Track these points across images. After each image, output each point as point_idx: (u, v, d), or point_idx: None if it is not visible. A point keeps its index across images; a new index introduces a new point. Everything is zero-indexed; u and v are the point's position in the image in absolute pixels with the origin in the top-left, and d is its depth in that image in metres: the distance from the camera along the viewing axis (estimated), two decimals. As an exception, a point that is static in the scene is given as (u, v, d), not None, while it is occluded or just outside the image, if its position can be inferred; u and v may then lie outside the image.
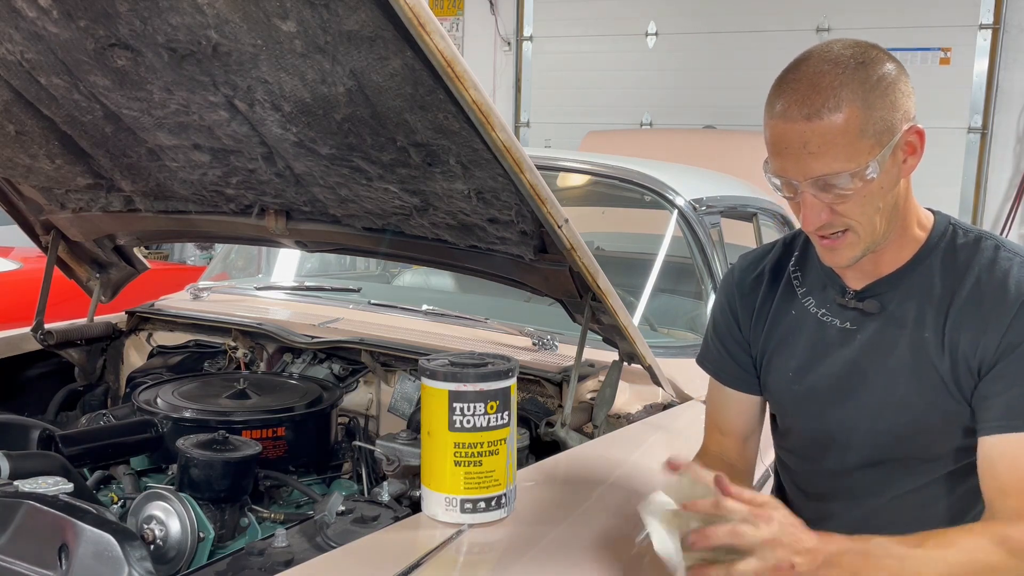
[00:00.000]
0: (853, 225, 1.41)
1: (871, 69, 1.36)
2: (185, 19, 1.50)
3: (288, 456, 2.00)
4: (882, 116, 1.35)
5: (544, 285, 2.05)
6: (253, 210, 2.18)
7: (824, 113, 1.33)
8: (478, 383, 1.41)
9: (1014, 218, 6.20)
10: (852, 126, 1.33)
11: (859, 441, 1.54)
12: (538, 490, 1.60)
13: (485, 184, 1.73)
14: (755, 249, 1.77)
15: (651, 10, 7.12)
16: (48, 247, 2.55)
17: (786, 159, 1.39)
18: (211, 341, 2.54)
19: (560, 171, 2.93)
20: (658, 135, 6.38)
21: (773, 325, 1.63)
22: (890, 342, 1.50)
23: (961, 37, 6.19)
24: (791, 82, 1.38)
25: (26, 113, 1.97)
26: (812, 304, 1.59)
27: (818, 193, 1.38)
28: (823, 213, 1.40)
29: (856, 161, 1.35)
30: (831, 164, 1.35)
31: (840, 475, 1.59)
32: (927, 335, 1.46)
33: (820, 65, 1.36)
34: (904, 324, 1.49)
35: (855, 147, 1.34)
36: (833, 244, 1.44)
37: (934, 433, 1.48)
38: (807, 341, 1.58)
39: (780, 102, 1.38)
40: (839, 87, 1.34)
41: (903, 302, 1.49)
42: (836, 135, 1.34)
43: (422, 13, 1.31)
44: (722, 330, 1.71)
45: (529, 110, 7.68)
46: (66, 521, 1.33)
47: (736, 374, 1.70)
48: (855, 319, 1.54)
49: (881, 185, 1.38)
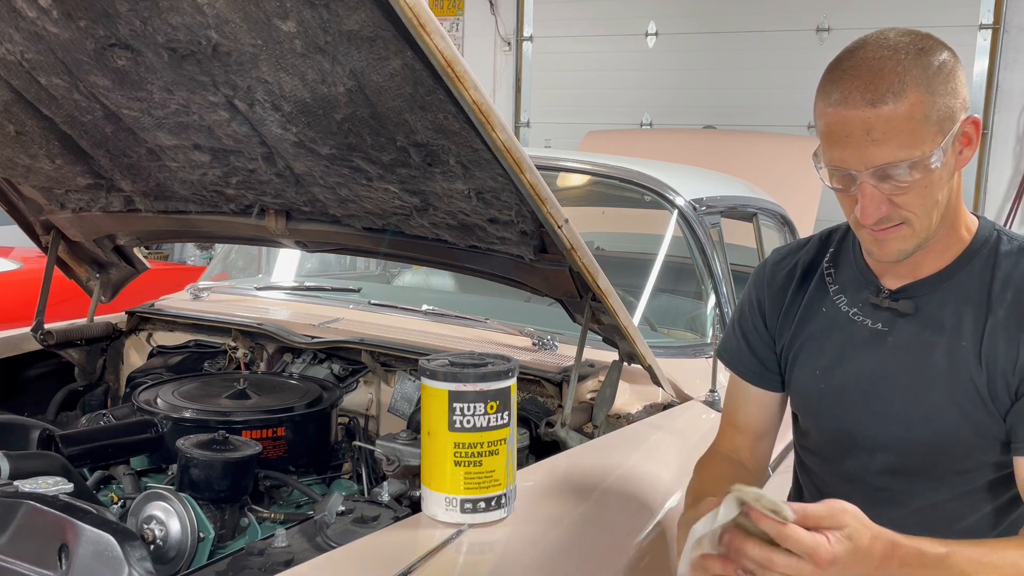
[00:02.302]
0: (910, 218, 1.36)
1: (931, 55, 1.31)
2: (185, 19, 1.50)
3: (288, 456, 2.00)
4: (945, 103, 1.31)
5: (544, 285, 2.04)
6: (253, 210, 2.18)
7: (889, 98, 1.28)
8: (478, 383, 1.41)
9: (1014, 218, 6.19)
10: (917, 112, 1.29)
11: (884, 447, 1.50)
12: (538, 490, 1.60)
13: (485, 184, 1.73)
14: (790, 243, 1.72)
15: (651, 10, 7.12)
16: (48, 247, 2.55)
17: (846, 148, 1.33)
18: (211, 341, 2.54)
19: (560, 171, 2.93)
20: (658, 135, 6.38)
21: (802, 322, 1.58)
22: (925, 347, 1.45)
23: (961, 37, 6.18)
24: (849, 69, 1.33)
25: (26, 113, 1.97)
26: (844, 302, 1.54)
27: (877, 184, 1.33)
28: (883, 205, 1.34)
29: (920, 149, 1.30)
30: (896, 152, 1.30)
31: (861, 480, 1.54)
32: (965, 343, 1.41)
33: (879, 51, 1.32)
34: (940, 329, 1.44)
35: (919, 135, 1.29)
36: (886, 235, 1.38)
37: (965, 446, 1.44)
38: (836, 340, 1.54)
39: (838, 90, 1.32)
40: (903, 72, 1.29)
41: (941, 306, 1.44)
42: (901, 121, 1.29)
43: (422, 13, 1.31)
44: (747, 324, 1.66)
45: (529, 110, 7.68)
46: (66, 521, 1.33)
47: (755, 369, 1.65)
48: (888, 320, 1.49)
49: (941, 176, 1.33)
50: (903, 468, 1.50)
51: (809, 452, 1.66)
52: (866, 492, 1.53)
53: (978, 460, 1.45)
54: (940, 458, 1.46)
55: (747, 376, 1.67)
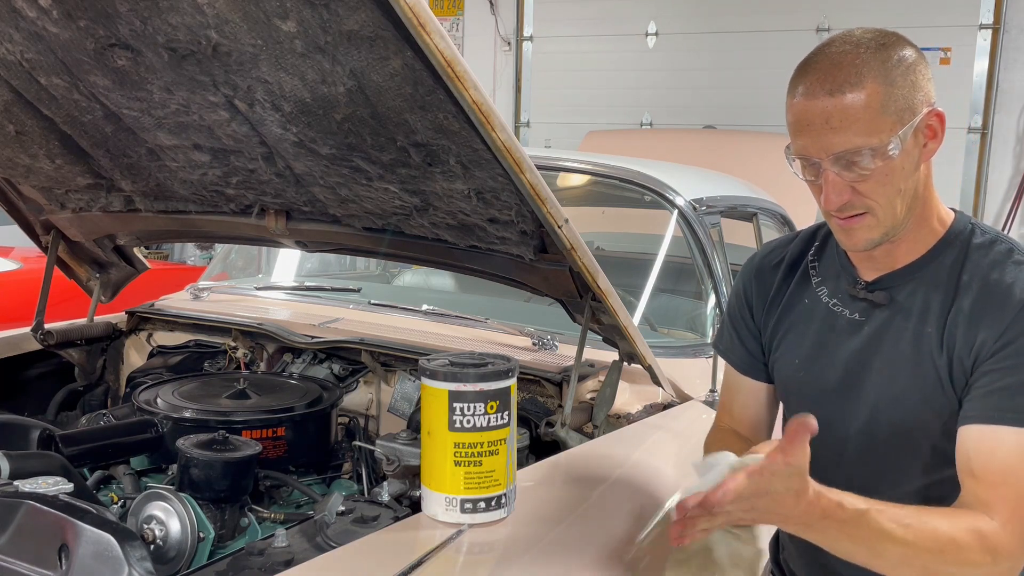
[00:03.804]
0: (873, 207, 1.41)
1: (892, 50, 1.38)
2: (185, 19, 1.50)
3: (288, 456, 2.00)
4: (903, 94, 1.37)
5: (544, 285, 2.04)
6: (253, 210, 2.18)
7: (846, 88, 1.35)
8: (478, 383, 1.41)
9: (1014, 218, 6.19)
10: (874, 101, 1.35)
11: (856, 433, 1.54)
12: (538, 490, 1.60)
13: (485, 184, 1.73)
14: (779, 237, 1.78)
15: (651, 10, 7.12)
16: (48, 247, 2.55)
17: (808, 136, 1.39)
18: (211, 341, 2.54)
19: (560, 171, 2.93)
20: (658, 135, 6.38)
21: (785, 312, 1.64)
22: (894, 334, 1.50)
23: (961, 37, 6.19)
24: (812, 63, 1.40)
25: (26, 113, 1.97)
26: (825, 293, 1.59)
27: (840, 171, 1.39)
28: (844, 192, 1.40)
29: (878, 137, 1.36)
30: (853, 139, 1.36)
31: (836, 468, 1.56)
32: (929, 330, 1.46)
33: (842, 46, 1.39)
34: (909, 317, 1.49)
35: (877, 123, 1.35)
36: (851, 224, 1.44)
37: (928, 431, 1.48)
38: (816, 330, 1.59)
39: (803, 82, 1.40)
40: (861, 64, 1.36)
41: (912, 295, 1.49)
42: (858, 110, 1.35)
43: (422, 13, 1.31)
44: (735, 315, 1.72)
45: (529, 110, 7.68)
46: (66, 521, 1.33)
47: (745, 359, 1.71)
48: (864, 310, 1.54)
49: (902, 166, 1.39)
50: (873, 454, 1.54)
51: None
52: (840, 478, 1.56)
53: (941, 449, 1.47)
54: (905, 443, 1.50)
55: (737, 366, 1.73)
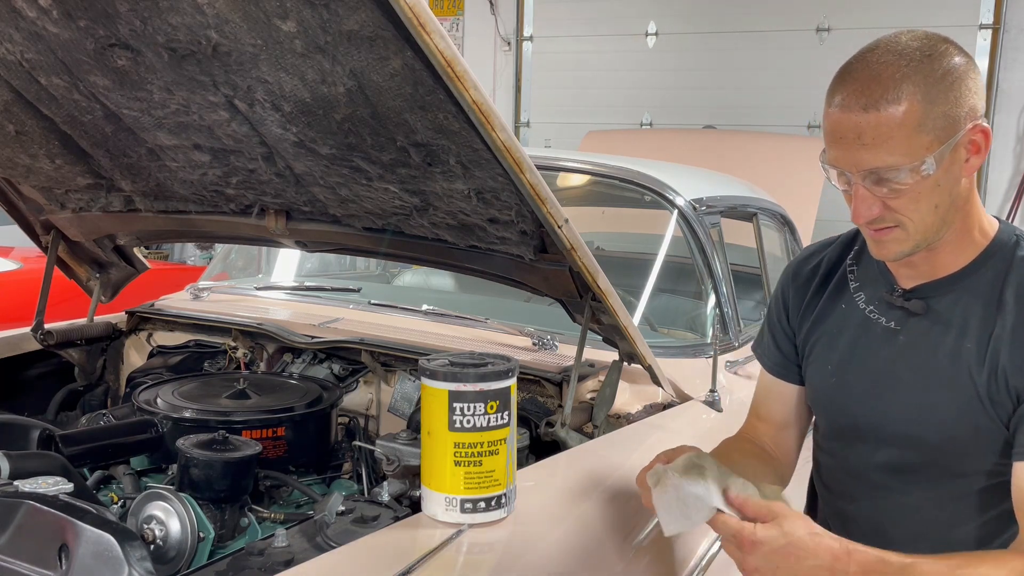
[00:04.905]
0: (904, 222, 1.38)
1: (937, 62, 1.32)
2: (185, 19, 1.50)
3: (288, 456, 2.00)
4: (944, 112, 1.32)
5: (544, 285, 2.04)
6: (253, 210, 2.18)
7: (882, 105, 1.31)
8: (478, 383, 1.41)
9: (1014, 218, 6.19)
10: (910, 120, 1.30)
11: (886, 442, 1.51)
12: (538, 490, 1.60)
13: (485, 184, 1.73)
14: (819, 241, 1.75)
15: (651, 10, 7.12)
16: (48, 247, 2.55)
17: (840, 149, 1.36)
18: (211, 341, 2.54)
19: (560, 171, 2.93)
20: (658, 135, 6.38)
21: (821, 317, 1.61)
22: (931, 346, 1.46)
23: (961, 37, 6.11)
24: (854, 71, 1.35)
25: (26, 113, 1.97)
26: (862, 300, 1.57)
27: (871, 186, 1.36)
28: (875, 207, 1.37)
29: (912, 156, 1.32)
30: (885, 158, 1.32)
31: (862, 475, 1.57)
32: (969, 345, 1.42)
33: (885, 56, 1.34)
34: (948, 330, 1.45)
35: (912, 142, 1.31)
36: (881, 236, 1.41)
37: (964, 446, 1.44)
38: (851, 336, 1.56)
39: (840, 92, 1.35)
40: (901, 79, 1.31)
41: (951, 307, 1.46)
42: (893, 128, 1.31)
43: (422, 13, 1.31)
44: (772, 318, 1.71)
45: (529, 110, 7.68)
46: (66, 521, 1.33)
47: (778, 361, 1.70)
48: (900, 319, 1.51)
49: (938, 183, 1.35)
50: (903, 465, 1.52)
51: (820, 448, 1.70)
52: (867, 488, 1.57)
53: (975, 463, 1.45)
54: (938, 456, 1.48)
55: (770, 368, 1.72)
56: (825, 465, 1.68)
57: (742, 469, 1.55)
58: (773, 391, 1.72)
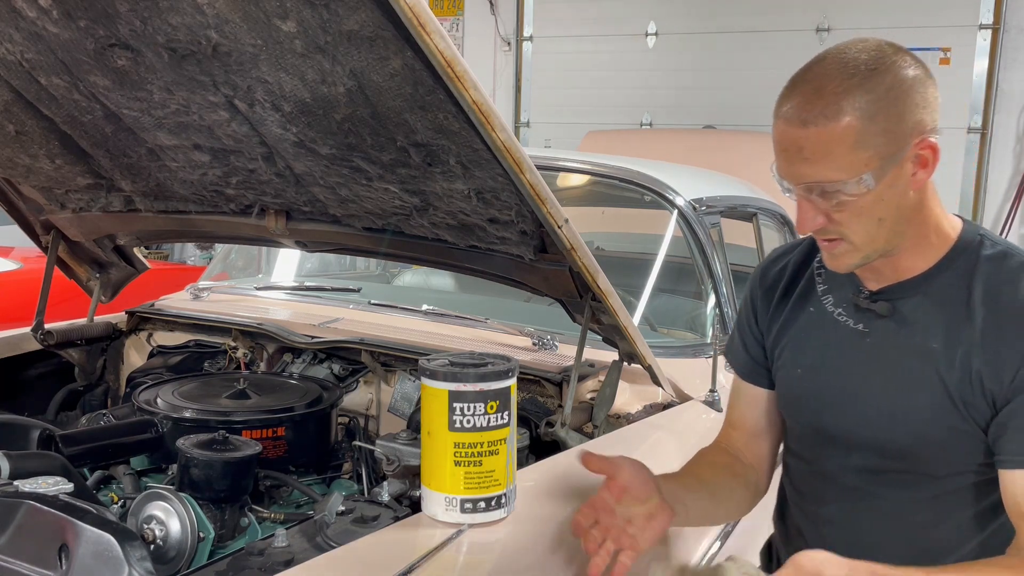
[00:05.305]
0: (848, 234, 1.38)
1: (882, 77, 1.31)
2: (185, 19, 1.50)
3: (288, 456, 2.00)
4: (886, 128, 1.31)
5: (544, 285, 2.04)
6: (253, 210, 2.18)
7: (822, 120, 1.30)
8: (478, 383, 1.41)
9: (1014, 218, 6.20)
10: (848, 137, 1.30)
11: (859, 446, 1.51)
12: (538, 490, 1.60)
13: (485, 184, 1.73)
14: (785, 244, 1.75)
15: (651, 10, 7.12)
16: (48, 247, 2.55)
17: (784, 162, 1.37)
18: (211, 341, 2.54)
19: (560, 171, 2.93)
20: (658, 135, 6.38)
21: (789, 320, 1.61)
22: (900, 349, 1.46)
23: (961, 37, 6.19)
24: (800, 83, 1.35)
25: (26, 113, 1.97)
26: (830, 302, 1.56)
27: (814, 199, 1.36)
28: (818, 218, 1.38)
29: (852, 172, 1.32)
30: (825, 172, 1.33)
31: (836, 479, 1.56)
32: (935, 345, 1.42)
33: (831, 68, 1.33)
34: (914, 331, 1.45)
35: (851, 157, 1.31)
36: (830, 248, 1.42)
37: (937, 448, 1.44)
38: (819, 340, 1.56)
39: (786, 103, 1.36)
40: (843, 94, 1.30)
41: (916, 309, 1.46)
42: (832, 144, 1.31)
43: (422, 13, 1.31)
44: (742, 321, 1.70)
45: (529, 110, 7.68)
46: (66, 521, 1.33)
47: (749, 365, 1.68)
48: (868, 321, 1.50)
49: (881, 197, 1.35)
50: (877, 468, 1.51)
51: (790, 452, 1.68)
52: (840, 491, 1.56)
53: (950, 465, 1.45)
54: (912, 460, 1.47)
55: (741, 372, 1.71)
56: (796, 469, 1.66)
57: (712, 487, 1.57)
58: (744, 396, 1.70)
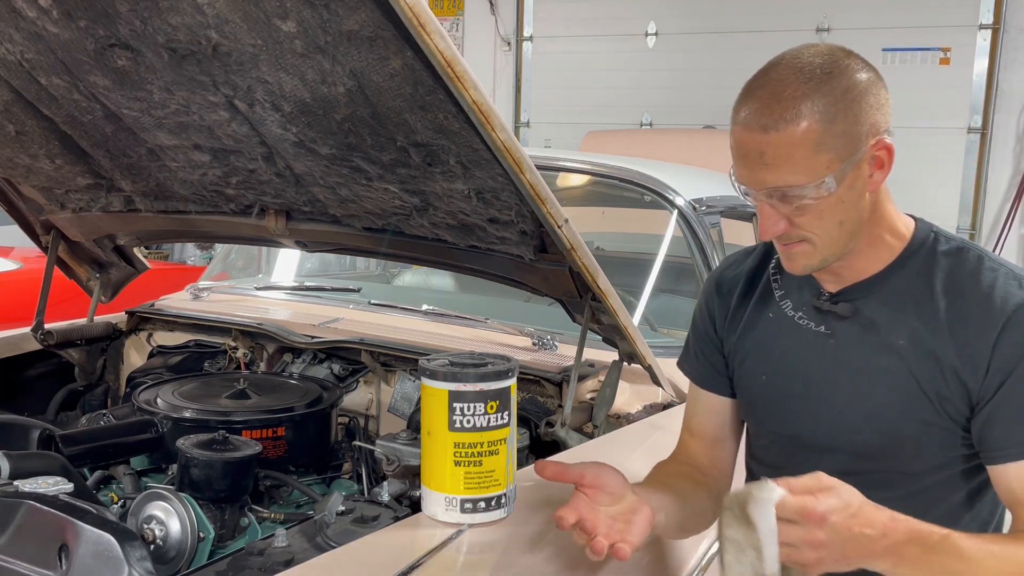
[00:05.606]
0: (810, 237, 1.39)
1: (837, 80, 1.32)
2: (185, 19, 1.50)
3: (288, 456, 2.00)
4: (844, 130, 1.32)
5: (544, 285, 2.04)
6: (253, 210, 2.18)
7: (781, 125, 1.31)
8: (478, 383, 1.41)
9: (1014, 218, 6.19)
10: (809, 140, 1.31)
11: (831, 449, 1.50)
12: (538, 490, 1.60)
13: (485, 184, 1.73)
14: (738, 251, 1.75)
15: (651, 10, 7.12)
16: (48, 247, 2.55)
17: (744, 168, 1.38)
18: (211, 341, 2.54)
19: (560, 171, 2.93)
20: (658, 135, 6.38)
21: (748, 327, 1.60)
22: (864, 348, 1.46)
23: (961, 37, 6.18)
24: (756, 89, 1.36)
25: (26, 113, 1.97)
26: (789, 307, 1.56)
27: (776, 203, 1.37)
28: (780, 223, 1.38)
29: (813, 175, 1.32)
30: (785, 177, 1.33)
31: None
32: (901, 342, 1.43)
33: (786, 73, 1.34)
34: (878, 330, 1.45)
35: (812, 161, 1.32)
36: (789, 250, 1.43)
37: (911, 444, 1.44)
38: (781, 344, 1.55)
39: (743, 109, 1.36)
40: (800, 98, 1.31)
41: (879, 307, 1.46)
42: (792, 148, 1.31)
43: (422, 13, 1.31)
44: (699, 329, 1.69)
45: (529, 110, 7.68)
46: (66, 521, 1.33)
47: (708, 374, 1.67)
48: (830, 323, 1.50)
49: (841, 199, 1.35)
50: (849, 470, 1.48)
51: (756, 460, 1.66)
52: None
53: (923, 461, 1.45)
54: (885, 459, 1.47)
55: (699, 381, 1.69)
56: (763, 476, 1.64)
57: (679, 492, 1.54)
58: (704, 405, 1.68)
